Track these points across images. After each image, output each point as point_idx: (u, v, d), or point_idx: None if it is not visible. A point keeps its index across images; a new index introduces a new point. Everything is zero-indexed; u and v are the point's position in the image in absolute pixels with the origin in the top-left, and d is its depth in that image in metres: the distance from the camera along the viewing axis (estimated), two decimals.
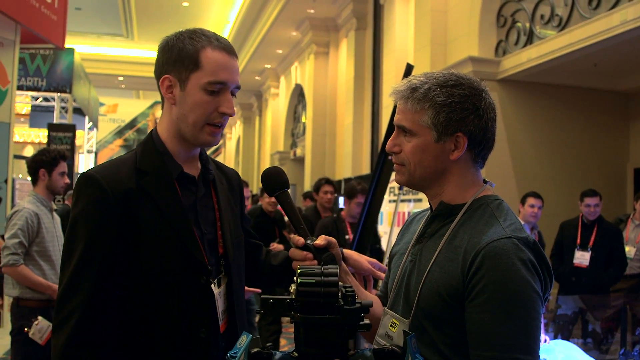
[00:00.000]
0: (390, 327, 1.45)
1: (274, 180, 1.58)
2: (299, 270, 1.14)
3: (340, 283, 1.15)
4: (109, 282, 1.52)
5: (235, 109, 1.63)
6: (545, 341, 3.76)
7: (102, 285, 1.51)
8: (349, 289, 1.15)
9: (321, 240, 1.48)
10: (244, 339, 1.18)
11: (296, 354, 1.16)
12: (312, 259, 1.47)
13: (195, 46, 1.56)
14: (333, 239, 1.50)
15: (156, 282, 1.55)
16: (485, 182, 1.49)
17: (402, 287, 1.47)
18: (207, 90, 1.56)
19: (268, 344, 1.20)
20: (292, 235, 1.54)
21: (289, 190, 1.60)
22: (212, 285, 1.62)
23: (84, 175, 1.56)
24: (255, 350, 1.17)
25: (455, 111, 1.38)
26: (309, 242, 1.47)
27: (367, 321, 1.16)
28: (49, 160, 3.86)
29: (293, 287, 1.14)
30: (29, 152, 20.98)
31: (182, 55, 1.56)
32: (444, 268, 1.36)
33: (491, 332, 1.26)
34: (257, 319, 6.00)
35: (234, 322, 1.69)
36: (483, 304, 1.27)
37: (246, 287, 1.98)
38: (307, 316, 1.12)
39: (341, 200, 11.39)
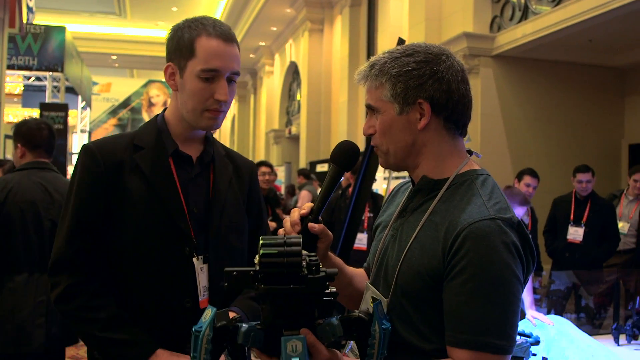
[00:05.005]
0: (372, 304, 1.43)
1: (346, 155, 1.47)
2: (261, 241, 1.12)
3: (304, 253, 1.13)
4: (98, 243, 1.63)
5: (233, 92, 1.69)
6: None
7: (90, 246, 1.63)
8: (313, 258, 1.13)
9: (316, 226, 1.38)
10: (208, 313, 1.16)
11: (263, 326, 1.15)
12: (299, 232, 1.37)
13: (192, 34, 1.63)
14: (330, 235, 1.43)
15: (142, 250, 1.63)
16: (470, 152, 1.45)
17: (382, 264, 1.44)
18: (201, 78, 1.62)
19: (236, 317, 1.18)
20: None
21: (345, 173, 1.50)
22: (195, 259, 1.67)
23: (83, 146, 1.70)
24: (221, 324, 1.15)
25: (411, 79, 1.35)
26: (310, 217, 1.39)
27: (333, 289, 1.14)
28: None
29: (257, 258, 1.12)
30: None
31: (180, 44, 1.64)
32: (425, 246, 1.31)
33: (467, 314, 1.23)
34: None
35: (215, 300, 1.69)
36: (461, 285, 1.23)
37: None
38: (271, 287, 1.11)
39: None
